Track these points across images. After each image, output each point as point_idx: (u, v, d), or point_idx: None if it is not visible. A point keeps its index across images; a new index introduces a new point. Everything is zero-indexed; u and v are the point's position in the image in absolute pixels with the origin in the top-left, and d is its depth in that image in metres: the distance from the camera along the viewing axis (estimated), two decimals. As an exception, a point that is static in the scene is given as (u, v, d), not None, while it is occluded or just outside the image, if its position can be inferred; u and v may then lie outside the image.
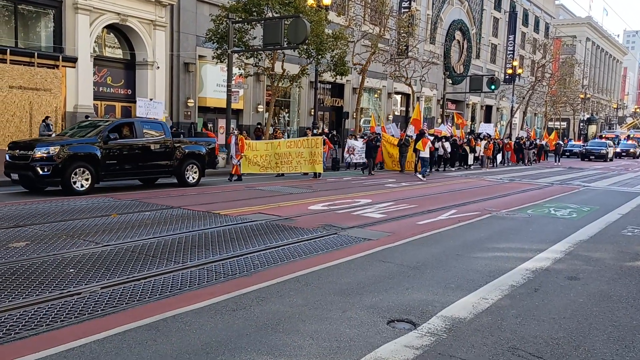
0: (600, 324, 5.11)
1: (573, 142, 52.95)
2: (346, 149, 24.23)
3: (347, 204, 12.42)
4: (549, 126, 62.41)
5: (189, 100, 27.34)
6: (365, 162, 22.66)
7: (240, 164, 17.81)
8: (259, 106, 31.13)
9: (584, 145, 47.15)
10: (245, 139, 18.70)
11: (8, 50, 19.52)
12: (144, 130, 14.35)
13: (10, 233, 8.03)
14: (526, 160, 34.32)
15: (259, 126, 28.58)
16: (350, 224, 9.71)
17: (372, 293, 5.74)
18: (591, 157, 42.55)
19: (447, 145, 25.56)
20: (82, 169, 12.70)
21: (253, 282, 5.97)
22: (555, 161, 36.93)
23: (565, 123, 74.47)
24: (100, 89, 24.13)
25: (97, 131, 13.44)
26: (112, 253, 7.05)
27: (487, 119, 57.65)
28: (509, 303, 5.58)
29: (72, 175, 12.51)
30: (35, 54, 20.36)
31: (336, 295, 5.62)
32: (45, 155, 12.29)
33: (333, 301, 5.44)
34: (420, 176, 20.17)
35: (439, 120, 39.35)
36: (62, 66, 21.06)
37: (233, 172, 17.67)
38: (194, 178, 15.40)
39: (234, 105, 24.63)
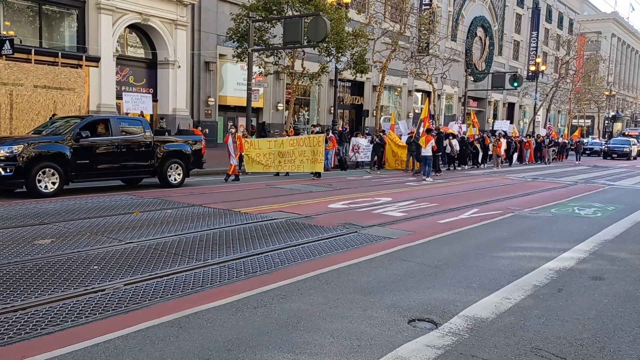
0: (625, 325, 5.02)
1: (594, 140, 51.63)
2: (351, 147, 23.60)
3: (367, 202, 12.38)
4: (572, 124, 61.43)
5: (209, 99, 27.57)
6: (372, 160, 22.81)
7: (239, 164, 17.09)
8: (279, 104, 31.25)
9: (606, 143, 45.90)
10: (245, 137, 18.25)
11: (32, 50, 19.91)
12: (121, 128, 13.42)
13: (36, 230, 8.19)
14: (546, 159, 33.25)
15: (252, 124, 28.00)
16: (370, 223, 9.69)
17: (392, 292, 5.71)
18: (613, 155, 41.24)
19: (455, 142, 24.62)
20: (49, 169, 11.75)
21: (273, 280, 5.99)
22: (576, 160, 35.96)
23: (589, 120, 73.33)
24: (123, 88, 24.46)
25: (67, 129, 12.50)
26: (135, 250, 7.14)
27: (510, 117, 57.00)
28: (532, 303, 5.51)
29: (38, 176, 11.57)
30: (59, 54, 20.72)
31: (356, 294, 5.61)
32: (7, 154, 11.32)
33: (353, 300, 5.43)
34: (425, 178, 18.77)
35: (461, 117, 38.95)
36: (86, 66, 21.41)
37: (230, 172, 16.76)
38: (177, 178, 14.43)
39: (254, 104, 24.76)
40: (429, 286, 5.98)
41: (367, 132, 27.46)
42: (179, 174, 14.55)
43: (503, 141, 27.40)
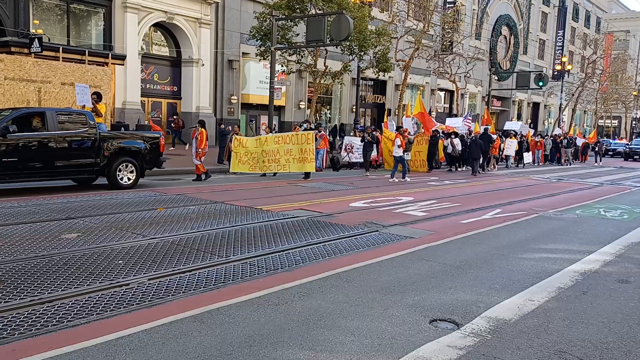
0: (653, 329, 4.92)
1: (617, 141, 50.29)
2: (344, 147, 21.76)
3: (389, 201, 12.35)
4: (599, 124, 60.36)
5: (232, 97, 27.75)
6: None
7: (202, 162, 15.33)
8: (301, 103, 31.31)
9: (627, 145, 44.54)
10: (236, 133, 17.05)
11: (60, 48, 20.27)
12: (60, 122, 11.90)
13: (63, 225, 8.35)
14: (562, 160, 31.39)
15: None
16: (391, 222, 9.66)
17: (414, 292, 5.69)
18: (635, 156, 39.45)
19: (457, 142, 23.11)
20: None
21: (295, 277, 6.02)
22: (596, 161, 34.07)
23: (616, 121, 71.93)
24: (148, 85, 24.79)
25: None
26: (159, 246, 7.24)
27: (535, 117, 56.23)
28: (556, 305, 5.44)
29: None
30: (86, 52, 21.06)
31: (377, 293, 5.60)
32: None
33: (374, 299, 5.42)
34: (395, 179, 17.41)
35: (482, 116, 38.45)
36: (112, 64, 21.71)
37: (199, 172, 15.29)
38: (129, 179, 12.95)
39: (276, 102, 24.81)
40: (451, 286, 5.94)
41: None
42: (131, 174, 13.06)
43: (512, 141, 26.31)
